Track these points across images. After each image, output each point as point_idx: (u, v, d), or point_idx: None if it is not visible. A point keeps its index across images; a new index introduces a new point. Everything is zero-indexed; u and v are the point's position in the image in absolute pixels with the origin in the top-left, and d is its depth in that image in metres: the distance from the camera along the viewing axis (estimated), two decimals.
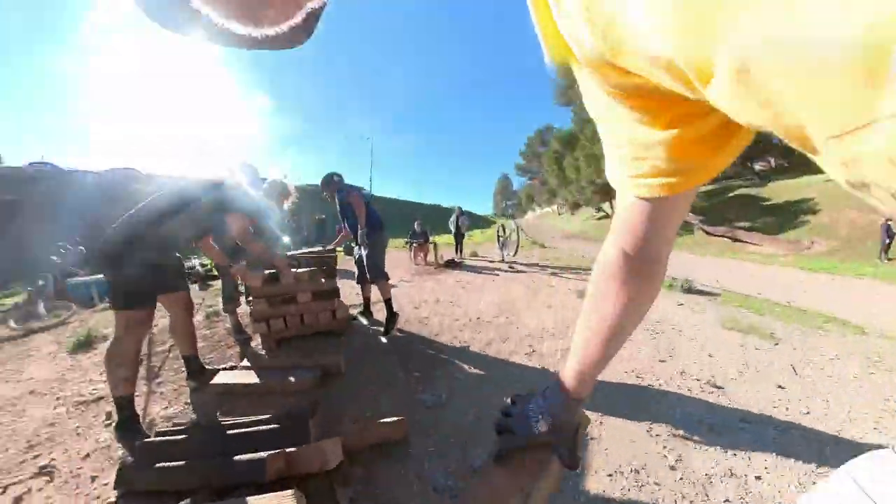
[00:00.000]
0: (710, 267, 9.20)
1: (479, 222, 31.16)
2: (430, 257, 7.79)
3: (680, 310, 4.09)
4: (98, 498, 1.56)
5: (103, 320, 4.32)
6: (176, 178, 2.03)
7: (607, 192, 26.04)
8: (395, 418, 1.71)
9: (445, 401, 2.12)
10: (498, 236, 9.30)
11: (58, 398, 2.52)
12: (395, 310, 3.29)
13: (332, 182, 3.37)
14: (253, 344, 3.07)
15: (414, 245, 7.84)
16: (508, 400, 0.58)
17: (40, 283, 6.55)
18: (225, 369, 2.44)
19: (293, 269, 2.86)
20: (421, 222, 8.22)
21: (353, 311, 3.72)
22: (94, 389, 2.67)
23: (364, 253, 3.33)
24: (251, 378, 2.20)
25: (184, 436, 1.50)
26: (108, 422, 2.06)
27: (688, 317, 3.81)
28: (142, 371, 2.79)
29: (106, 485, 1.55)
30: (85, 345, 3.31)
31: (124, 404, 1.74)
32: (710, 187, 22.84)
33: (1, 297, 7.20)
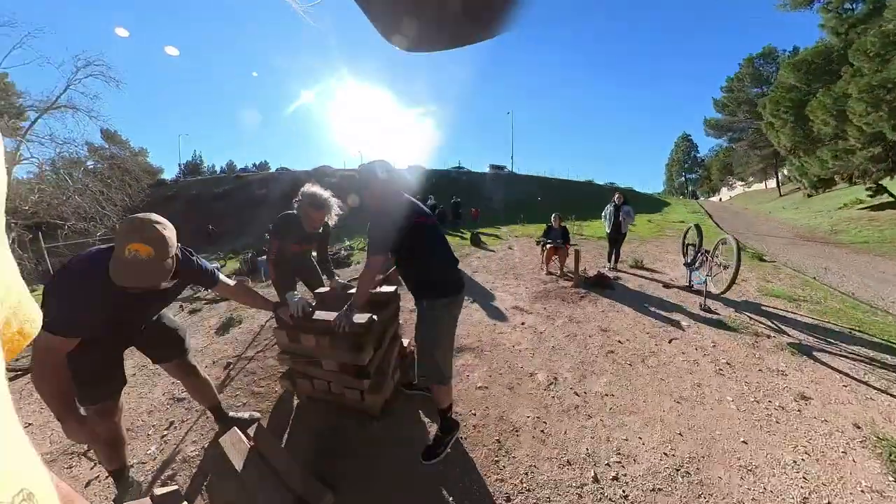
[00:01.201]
0: None
1: (642, 206, 19.69)
2: (570, 263, 5.57)
3: None
4: None
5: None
6: None
7: None
8: None
9: None
10: (685, 246, 5.59)
11: (173, 382, 2.62)
12: (451, 416, 2.00)
13: (361, 178, 1.78)
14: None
15: (547, 247, 5.76)
16: None
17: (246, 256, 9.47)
18: (244, 421, 2.18)
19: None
20: (559, 215, 6.00)
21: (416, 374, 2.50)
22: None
23: (416, 327, 1.83)
24: (240, 456, 1.80)
25: None
26: (165, 433, 2.21)
27: None
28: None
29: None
30: (225, 327, 3.80)
31: (115, 476, 1.77)
32: None
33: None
